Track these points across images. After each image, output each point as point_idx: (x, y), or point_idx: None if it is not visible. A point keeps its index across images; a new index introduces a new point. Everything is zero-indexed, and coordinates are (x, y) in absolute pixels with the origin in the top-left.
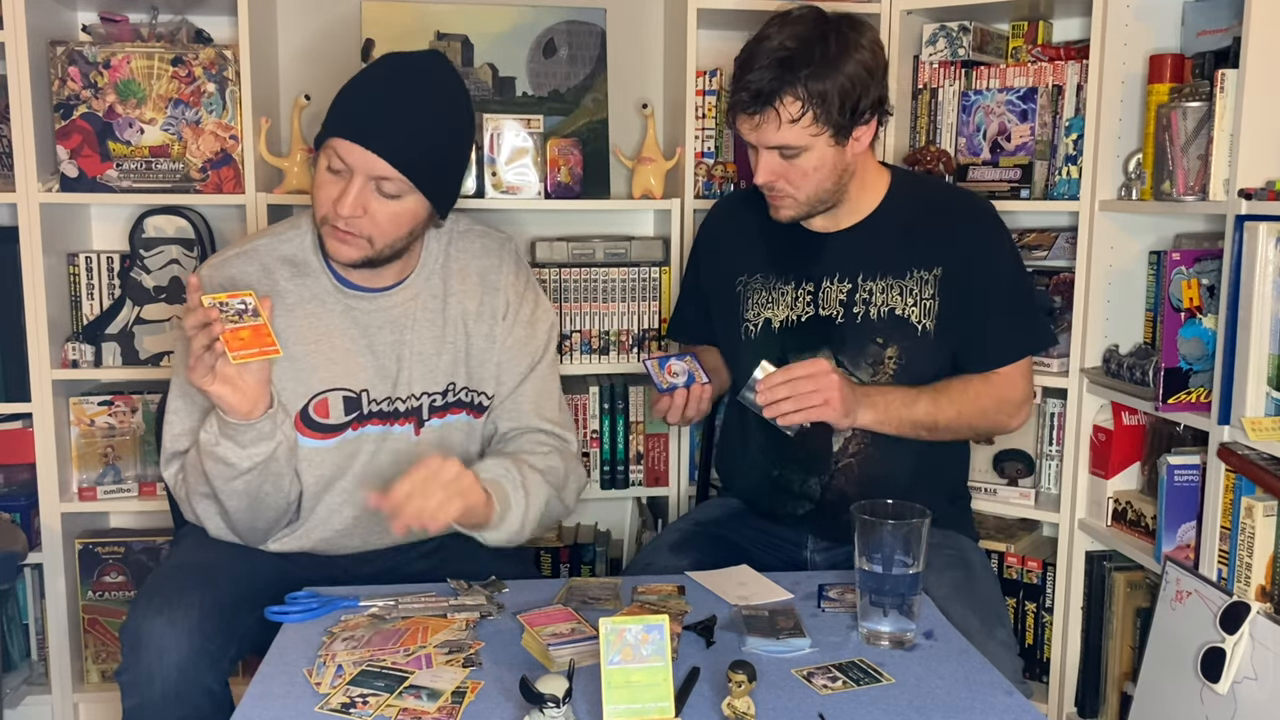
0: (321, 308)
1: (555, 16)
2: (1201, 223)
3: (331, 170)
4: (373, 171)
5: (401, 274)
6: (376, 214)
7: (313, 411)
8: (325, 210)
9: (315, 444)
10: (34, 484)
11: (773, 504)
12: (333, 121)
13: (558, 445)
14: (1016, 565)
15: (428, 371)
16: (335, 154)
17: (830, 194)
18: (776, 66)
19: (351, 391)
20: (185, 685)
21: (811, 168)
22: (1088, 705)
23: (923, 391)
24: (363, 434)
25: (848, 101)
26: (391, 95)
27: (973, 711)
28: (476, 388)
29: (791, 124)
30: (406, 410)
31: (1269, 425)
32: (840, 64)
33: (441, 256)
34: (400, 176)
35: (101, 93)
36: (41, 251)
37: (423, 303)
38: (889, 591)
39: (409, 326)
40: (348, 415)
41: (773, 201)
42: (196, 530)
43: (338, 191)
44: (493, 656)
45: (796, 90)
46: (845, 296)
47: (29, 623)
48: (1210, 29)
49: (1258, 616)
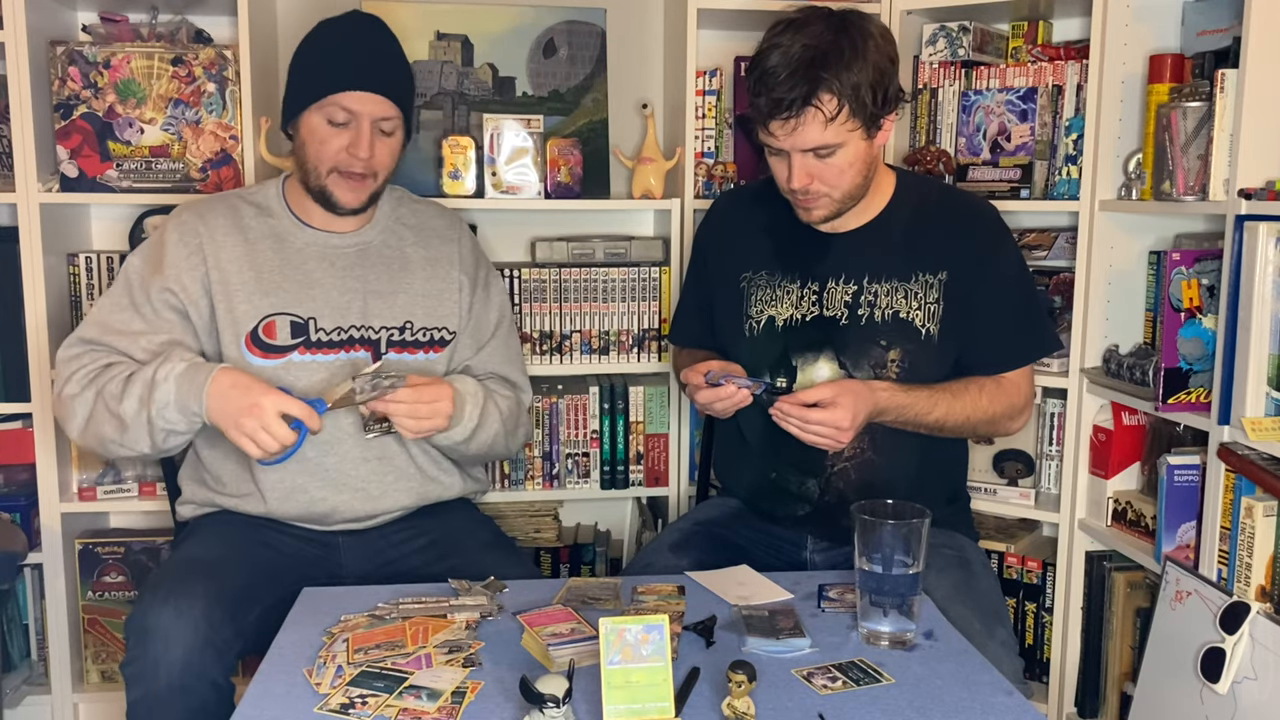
0: (280, 243)
1: (555, 16)
2: (1201, 223)
3: (334, 124)
4: (376, 113)
5: (359, 223)
6: (380, 151)
7: (261, 332)
8: (335, 160)
9: (263, 363)
10: (34, 484)
11: (771, 505)
12: (328, 80)
13: (516, 396)
14: (1016, 565)
15: (385, 308)
16: (339, 107)
17: (861, 189)
18: (807, 67)
19: (299, 318)
20: (191, 677)
21: (847, 164)
22: (1088, 705)
23: (939, 397)
24: (312, 360)
25: (878, 91)
26: (371, 45)
27: (973, 711)
28: (436, 325)
29: (830, 122)
30: (361, 339)
31: (1269, 425)
32: (865, 55)
33: (393, 214)
34: (398, 112)
35: (101, 93)
36: (41, 251)
37: (377, 248)
38: (889, 591)
39: (364, 265)
40: (294, 339)
41: (806, 204)
42: (199, 528)
43: (346, 140)
44: (493, 656)
45: (832, 86)
46: (850, 298)
47: (29, 623)
48: (1210, 29)
49: (1258, 616)
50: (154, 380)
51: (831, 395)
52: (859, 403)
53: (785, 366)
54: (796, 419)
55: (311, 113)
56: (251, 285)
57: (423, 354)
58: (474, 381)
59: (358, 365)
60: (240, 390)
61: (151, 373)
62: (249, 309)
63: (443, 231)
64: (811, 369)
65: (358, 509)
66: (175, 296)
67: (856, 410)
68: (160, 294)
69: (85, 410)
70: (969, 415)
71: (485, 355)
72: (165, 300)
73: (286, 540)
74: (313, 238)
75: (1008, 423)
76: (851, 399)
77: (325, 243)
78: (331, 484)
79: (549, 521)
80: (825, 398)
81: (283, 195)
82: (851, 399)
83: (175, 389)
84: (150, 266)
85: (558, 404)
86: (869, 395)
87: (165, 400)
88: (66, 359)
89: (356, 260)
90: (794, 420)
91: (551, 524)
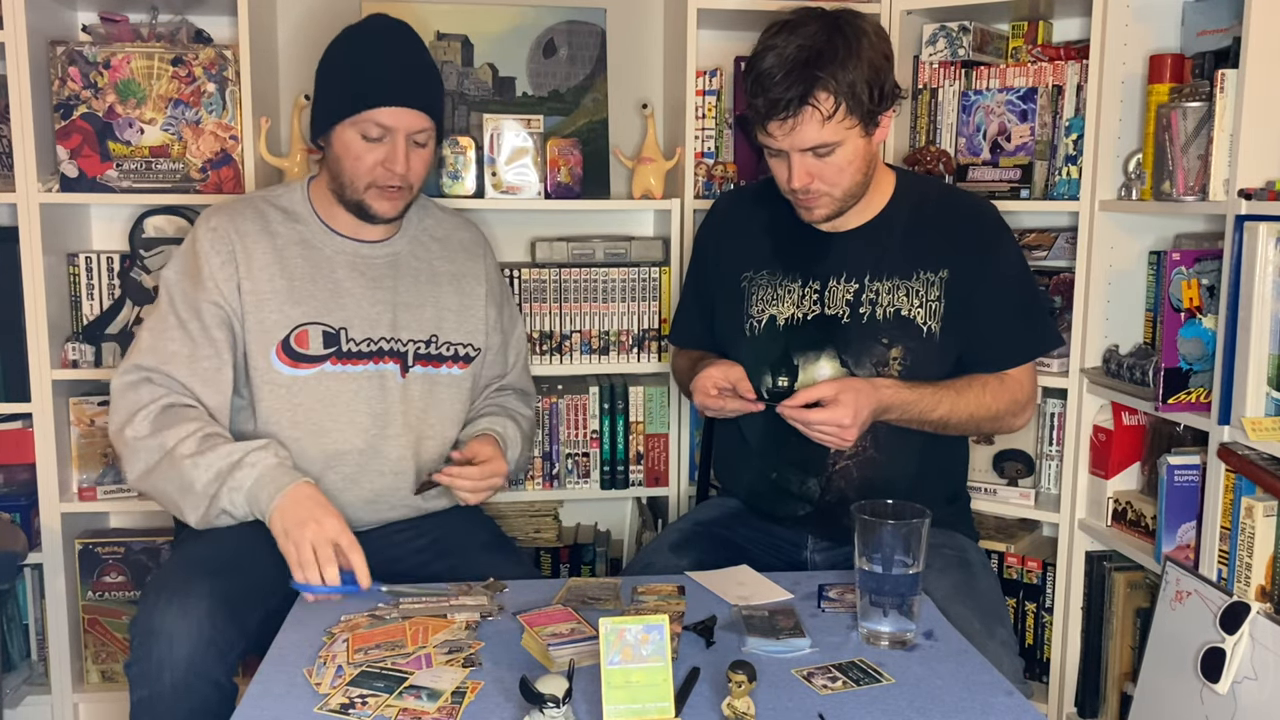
0: (310, 250)
1: (555, 16)
2: (1201, 223)
3: (369, 139)
4: (412, 127)
5: (387, 232)
6: (414, 163)
7: (293, 342)
8: (372, 176)
9: (295, 372)
10: (34, 484)
11: (772, 506)
12: (363, 95)
13: (531, 406)
14: (1016, 565)
15: (412, 320)
16: (374, 123)
17: (861, 187)
18: (803, 67)
19: (330, 327)
20: (194, 677)
21: (846, 162)
22: (1088, 705)
23: (943, 395)
24: (344, 371)
25: (874, 88)
26: (404, 59)
27: (973, 711)
28: (462, 340)
29: (827, 120)
30: (390, 351)
31: (1269, 425)
32: (859, 53)
33: (419, 224)
34: (432, 124)
35: (101, 93)
36: (41, 251)
37: (405, 260)
38: (889, 591)
39: (393, 277)
40: (326, 349)
41: (806, 204)
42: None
43: (381, 155)
44: (493, 656)
45: (828, 85)
46: (852, 296)
47: (29, 623)
48: (1210, 29)
49: (1258, 616)
50: (241, 462)
51: (833, 393)
52: (860, 399)
53: (787, 365)
54: (799, 421)
55: (345, 127)
56: (283, 293)
57: (446, 368)
58: (511, 424)
59: (386, 377)
60: (316, 505)
61: (241, 455)
62: (280, 317)
63: (469, 247)
64: (813, 368)
65: (363, 519)
66: (221, 309)
67: (858, 407)
68: (208, 309)
69: (149, 459)
70: (973, 412)
71: (515, 374)
72: (213, 316)
73: None
74: (342, 245)
75: (1011, 419)
76: (853, 395)
77: (355, 252)
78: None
79: (549, 522)
80: (826, 395)
81: (309, 199)
82: (853, 395)
83: (256, 478)
84: (189, 280)
85: (558, 404)
86: (871, 392)
87: (241, 484)
88: (123, 389)
89: (387, 271)
90: (798, 421)
91: (551, 524)
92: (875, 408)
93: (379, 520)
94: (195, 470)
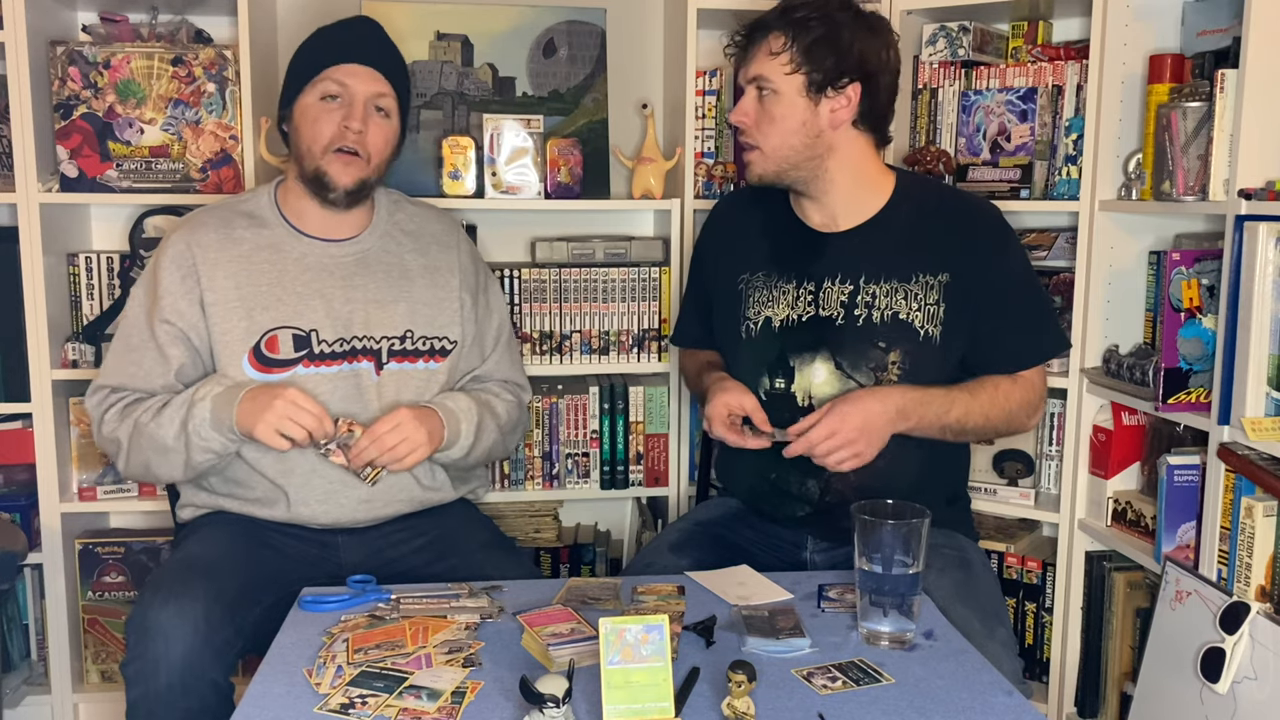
0: (276, 254)
1: (555, 16)
2: (1201, 223)
3: (328, 98)
4: (371, 89)
5: (356, 229)
6: (374, 132)
7: (264, 347)
8: (329, 136)
9: (267, 378)
10: (34, 484)
11: (772, 506)
12: (325, 56)
13: (519, 398)
14: (1016, 565)
15: (385, 318)
16: (332, 80)
17: (798, 158)
18: (777, 10)
19: (300, 330)
20: (191, 676)
21: (780, 114)
22: (1088, 705)
23: (955, 396)
24: (317, 373)
25: (830, 54)
26: (367, 30)
27: (973, 711)
28: (437, 334)
29: (771, 56)
30: (364, 349)
31: (1269, 425)
32: (835, 19)
33: (390, 219)
34: (391, 91)
35: (101, 93)
36: (41, 251)
37: (376, 255)
38: (889, 591)
39: (363, 274)
40: (297, 352)
41: (745, 158)
42: (199, 528)
43: (339, 116)
44: (493, 656)
45: (786, 30)
46: (846, 298)
47: (29, 623)
48: (1210, 29)
49: (1257, 616)
50: (192, 400)
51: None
52: (854, 409)
53: (783, 367)
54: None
55: (305, 94)
56: (251, 301)
57: (423, 363)
58: (465, 397)
59: (361, 376)
60: (266, 391)
61: (191, 394)
62: (249, 324)
63: (441, 238)
64: (809, 370)
65: (359, 517)
66: (174, 326)
67: (845, 413)
68: (160, 326)
69: (125, 441)
70: (988, 414)
71: (492, 363)
72: (166, 333)
73: (286, 540)
74: (309, 247)
75: (1025, 420)
76: (845, 406)
77: (323, 252)
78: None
79: (549, 521)
80: (813, 419)
81: (275, 203)
82: (845, 406)
83: (211, 407)
84: (150, 298)
85: (558, 404)
86: (869, 400)
87: (203, 418)
88: (93, 405)
89: (356, 269)
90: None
91: (551, 524)
92: (886, 410)
93: (374, 518)
94: (160, 429)
